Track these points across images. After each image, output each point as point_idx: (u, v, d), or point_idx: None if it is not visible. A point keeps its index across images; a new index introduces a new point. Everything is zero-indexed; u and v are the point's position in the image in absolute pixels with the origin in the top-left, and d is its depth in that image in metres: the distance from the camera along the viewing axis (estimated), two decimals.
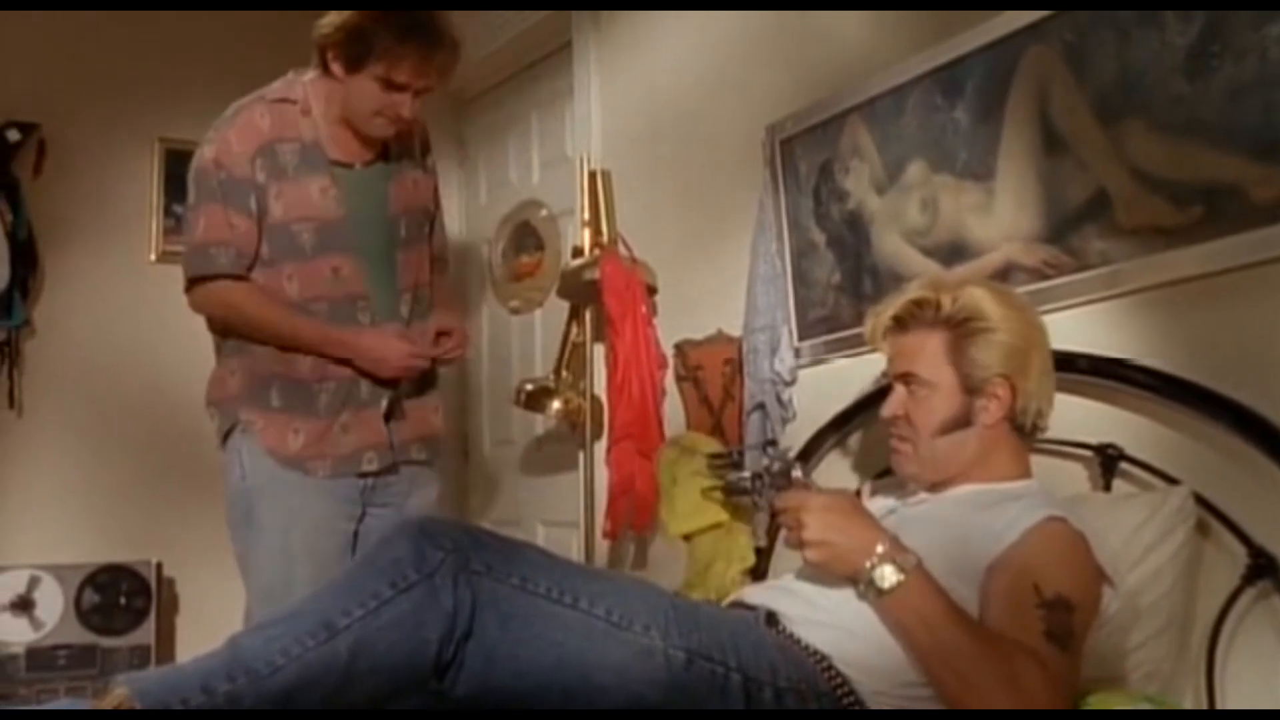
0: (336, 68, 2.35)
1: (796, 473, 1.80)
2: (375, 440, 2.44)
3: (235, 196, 2.36)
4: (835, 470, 2.50)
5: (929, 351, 1.82)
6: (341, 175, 2.43)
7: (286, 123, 2.40)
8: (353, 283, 2.42)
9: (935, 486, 1.85)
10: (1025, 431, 1.85)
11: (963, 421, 1.81)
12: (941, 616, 1.55)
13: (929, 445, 1.82)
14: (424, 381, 2.55)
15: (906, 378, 1.84)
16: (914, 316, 1.86)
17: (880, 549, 1.60)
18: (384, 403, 2.45)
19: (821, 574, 1.69)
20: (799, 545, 1.66)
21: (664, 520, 2.62)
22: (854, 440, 2.50)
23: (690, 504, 2.51)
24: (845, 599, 1.65)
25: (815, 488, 1.81)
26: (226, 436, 2.44)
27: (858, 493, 2.16)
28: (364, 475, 2.43)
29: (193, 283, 2.42)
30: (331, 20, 2.34)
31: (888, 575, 1.58)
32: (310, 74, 2.43)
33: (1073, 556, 1.64)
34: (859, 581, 1.61)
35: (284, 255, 2.39)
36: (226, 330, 2.45)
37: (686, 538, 2.57)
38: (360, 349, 2.39)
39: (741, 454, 1.86)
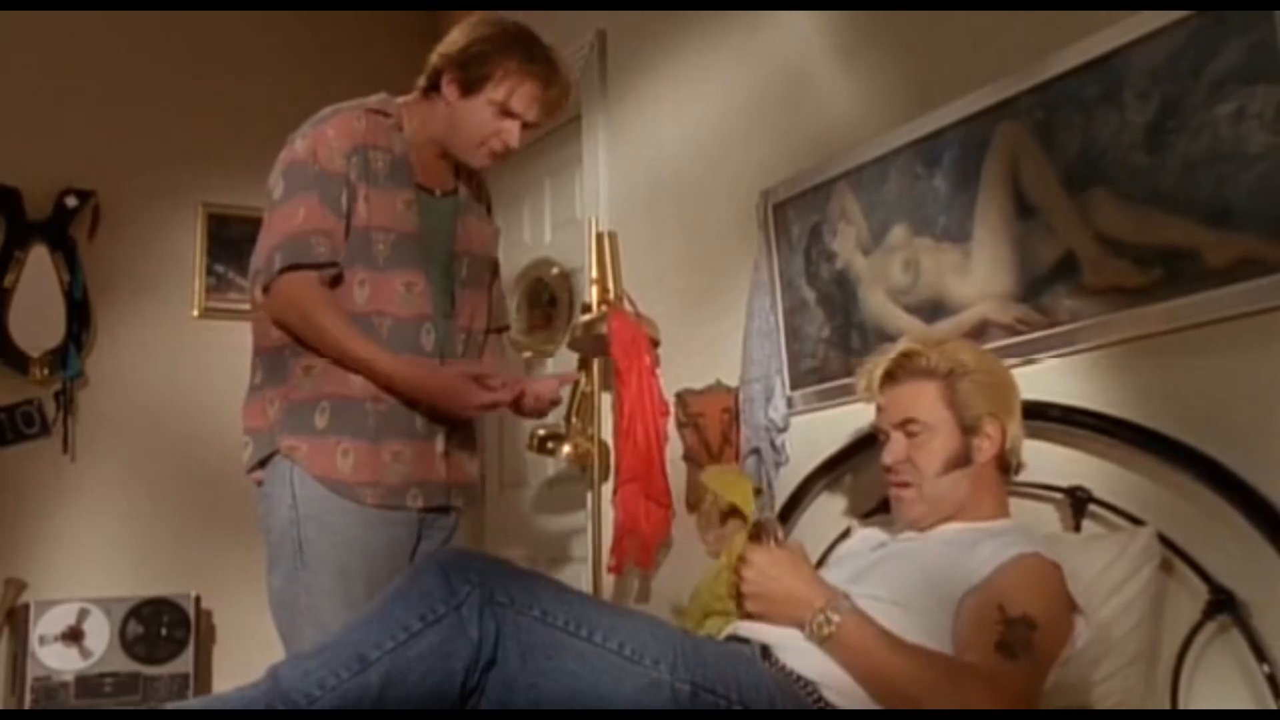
0: (452, 90, 2.19)
1: (779, 533, 1.81)
2: (426, 476, 2.19)
3: (330, 192, 2.14)
4: (825, 510, 2.51)
5: (925, 398, 1.85)
6: (420, 196, 2.25)
7: (379, 132, 2.21)
8: (423, 301, 2.21)
9: (925, 527, 1.86)
10: (1009, 470, 1.88)
11: (963, 460, 1.83)
12: (880, 649, 1.57)
13: (933, 485, 1.83)
14: (468, 431, 2.32)
15: (906, 424, 1.86)
16: (904, 369, 1.88)
17: (818, 604, 1.63)
18: (440, 439, 2.21)
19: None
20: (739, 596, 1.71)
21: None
22: (843, 482, 2.50)
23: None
24: None
25: (775, 544, 1.81)
26: (261, 464, 2.16)
27: (845, 533, 2.17)
28: (408, 510, 2.17)
29: (282, 273, 2.10)
30: (455, 40, 2.19)
31: (826, 621, 1.61)
32: (406, 97, 2.28)
33: (1044, 583, 1.65)
34: (803, 631, 1.64)
35: (359, 260, 2.16)
36: (264, 343, 2.19)
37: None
38: (428, 390, 2.13)
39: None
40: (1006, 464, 1.88)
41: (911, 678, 1.54)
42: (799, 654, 1.66)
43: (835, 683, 1.62)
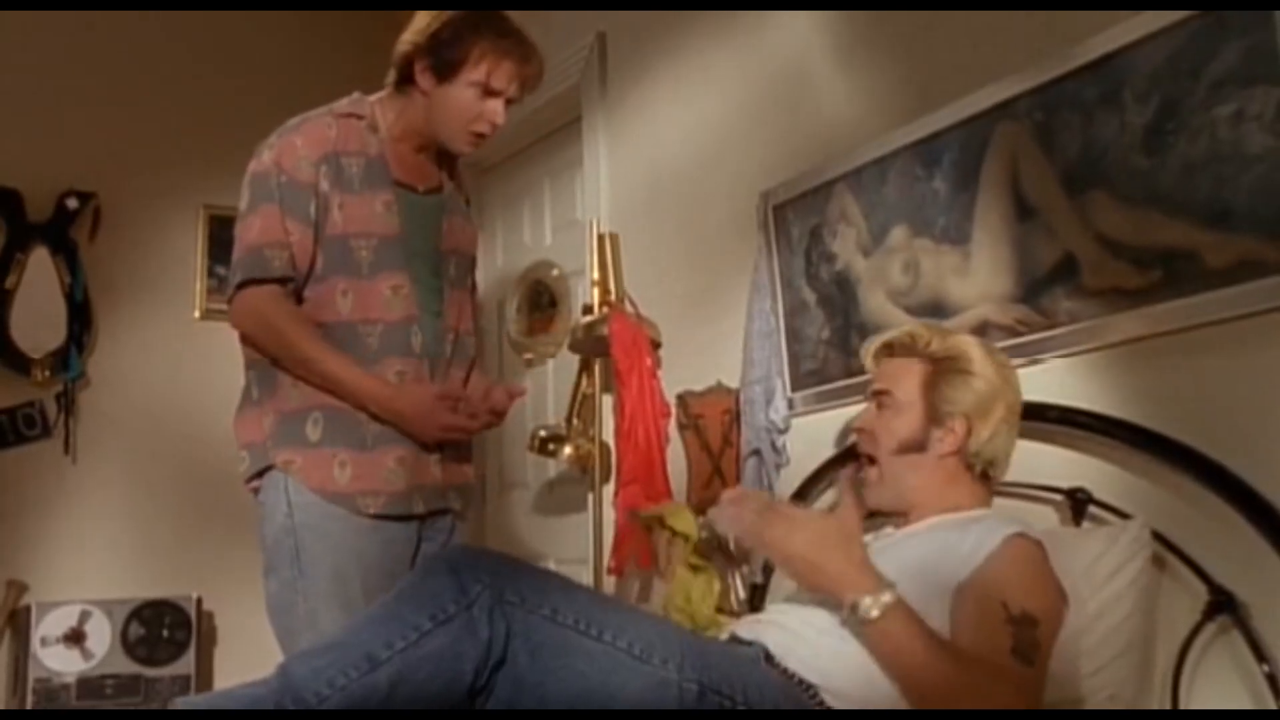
0: (426, 78, 2.13)
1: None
2: (426, 480, 2.18)
3: (294, 202, 2.10)
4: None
5: (907, 376, 1.89)
6: (402, 195, 2.20)
7: (352, 136, 2.17)
8: (409, 303, 2.17)
9: (901, 521, 1.87)
10: (975, 473, 1.87)
11: (918, 446, 1.85)
12: (920, 646, 1.54)
13: (888, 462, 1.86)
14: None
15: (881, 394, 1.90)
16: (904, 345, 1.93)
17: (867, 586, 1.57)
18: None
19: (804, 601, 1.70)
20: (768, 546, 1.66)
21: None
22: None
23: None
24: (827, 629, 1.65)
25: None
26: (258, 476, 2.15)
27: None
28: (414, 517, 2.17)
29: (240, 288, 2.12)
30: (420, 28, 2.13)
31: (871, 606, 1.55)
32: (378, 94, 2.24)
33: (1036, 572, 1.66)
34: (842, 608, 1.59)
35: (339, 270, 2.12)
36: (254, 356, 2.17)
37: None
38: (395, 411, 2.10)
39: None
40: (970, 464, 1.86)
41: (945, 674, 1.52)
42: (800, 659, 1.66)
43: (836, 686, 1.62)
